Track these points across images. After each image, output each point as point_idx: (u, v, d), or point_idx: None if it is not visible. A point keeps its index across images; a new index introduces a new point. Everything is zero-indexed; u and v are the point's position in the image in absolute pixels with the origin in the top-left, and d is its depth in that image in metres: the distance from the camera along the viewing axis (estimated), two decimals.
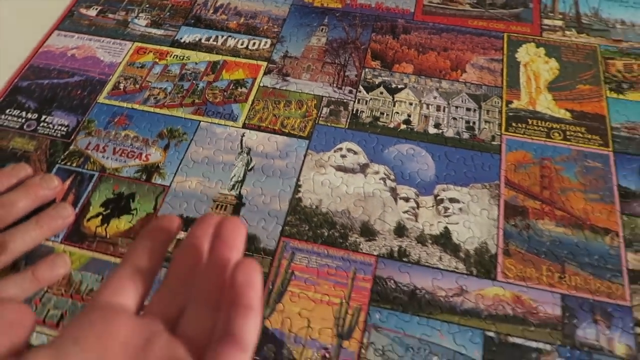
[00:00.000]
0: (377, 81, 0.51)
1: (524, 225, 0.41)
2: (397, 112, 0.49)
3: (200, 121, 0.49)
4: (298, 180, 0.44)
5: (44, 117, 0.50)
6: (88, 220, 0.43)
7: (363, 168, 0.45)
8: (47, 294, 0.39)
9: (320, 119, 0.48)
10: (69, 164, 0.47)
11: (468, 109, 0.49)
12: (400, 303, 0.38)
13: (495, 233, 0.41)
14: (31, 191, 0.42)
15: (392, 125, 0.48)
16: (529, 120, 0.48)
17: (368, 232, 0.41)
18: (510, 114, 0.48)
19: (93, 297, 0.34)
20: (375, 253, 0.40)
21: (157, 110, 0.50)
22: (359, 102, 0.50)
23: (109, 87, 0.52)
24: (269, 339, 0.36)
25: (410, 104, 0.50)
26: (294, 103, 0.50)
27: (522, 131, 0.47)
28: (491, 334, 0.36)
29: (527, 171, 0.45)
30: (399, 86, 0.51)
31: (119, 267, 0.25)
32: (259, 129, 0.48)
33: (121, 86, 0.52)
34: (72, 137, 0.49)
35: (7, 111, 0.51)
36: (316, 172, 0.45)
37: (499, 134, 0.47)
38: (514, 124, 0.48)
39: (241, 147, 0.47)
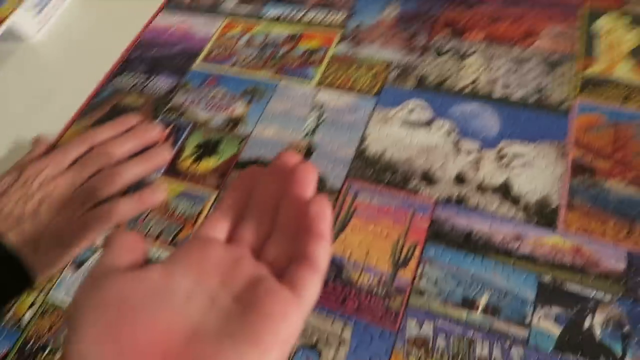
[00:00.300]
0: (446, 47, 0.53)
1: (591, 183, 0.41)
2: (465, 76, 0.51)
3: (279, 81, 0.54)
4: (364, 132, 0.48)
5: (151, 78, 0.59)
6: (182, 160, 0.50)
7: (428, 123, 0.47)
8: (149, 215, 0.46)
9: (389, 80, 0.51)
10: (168, 116, 0.54)
11: (539, 74, 0.49)
12: (456, 243, 0.39)
13: (560, 187, 0.41)
14: (138, 135, 0.50)
15: (458, 87, 0.50)
16: (604, 85, 0.47)
17: (429, 178, 0.43)
18: (585, 79, 0.48)
19: (194, 232, 0.41)
20: (434, 197, 0.42)
21: (243, 72, 0.56)
22: (428, 66, 0.52)
23: (203, 55, 0.60)
24: (330, 263, 0.40)
25: (478, 68, 0.51)
26: (364, 66, 0.53)
27: (596, 96, 0.47)
28: (546, 279, 0.37)
29: (599, 133, 0.44)
30: (469, 51, 0.52)
31: (213, 210, 0.30)
32: (331, 87, 0.52)
33: (213, 54, 0.60)
34: (172, 94, 0.56)
35: (123, 74, 0.60)
36: (382, 125, 0.48)
37: (570, 97, 0.47)
38: (588, 88, 0.47)
39: (314, 103, 0.51)
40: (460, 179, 0.43)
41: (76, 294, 0.24)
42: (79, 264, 0.43)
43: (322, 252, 0.26)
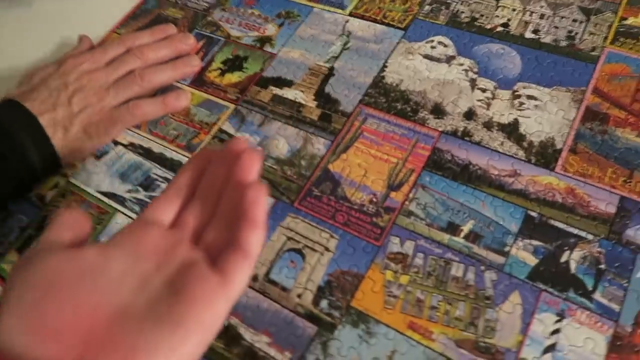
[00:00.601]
0: None
1: (601, 130, 0.41)
2: (498, 16, 0.50)
3: (313, 7, 0.55)
4: (386, 62, 0.49)
5: None
6: (209, 72, 0.53)
7: (449, 59, 0.48)
8: (170, 118, 0.50)
9: (421, 14, 0.51)
10: (204, 29, 0.57)
11: (574, 20, 0.48)
12: (452, 172, 0.41)
13: (567, 132, 0.41)
14: (173, 43, 0.53)
15: (489, 27, 0.49)
16: (638, 37, 0.45)
17: (438, 111, 0.44)
18: (621, 29, 0.46)
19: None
20: (440, 129, 0.43)
21: None
22: (461, 3, 0.51)
23: None
24: (328, 178, 0.43)
25: (514, 9, 0.50)
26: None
27: (629, 47, 0.45)
28: (533, 214, 0.38)
29: (622, 83, 0.43)
30: None
31: (163, 191, 0.30)
32: (362, 17, 0.53)
33: None
34: (211, 11, 0.59)
35: None
36: (404, 57, 0.49)
37: (601, 46, 0.45)
38: (621, 39, 0.45)
39: (343, 30, 0.52)
40: (469, 115, 0.44)
41: (11, 269, 0.25)
42: (99, 156, 0.48)
43: (255, 239, 0.25)
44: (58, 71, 0.47)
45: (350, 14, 0.54)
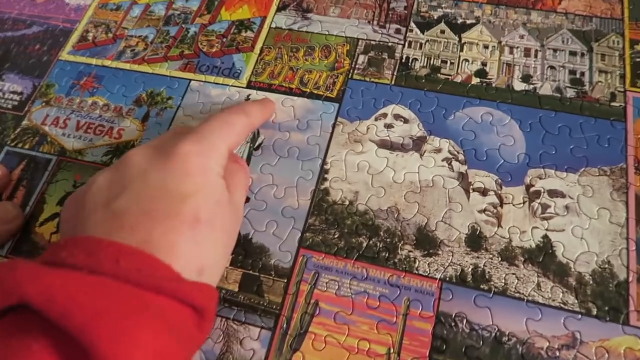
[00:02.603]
0: (435, 15, 0.36)
1: None
2: (467, 60, 0.34)
3: (190, 80, 0.36)
4: (324, 162, 0.31)
5: None
6: (41, 224, 0.32)
7: (418, 143, 0.31)
8: None
9: (356, 71, 0.34)
10: (20, 145, 0.35)
11: (572, 53, 0.33)
12: (478, 357, 0.25)
13: (624, 247, 0.27)
14: None
15: (459, 79, 0.33)
16: None
17: (426, 242, 0.28)
18: (638, 59, 0.32)
19: None
20: (437, 275, 0.27)
21: (135, 67, 0.37)
22: (410, 46, 0.35)
23: (74, 37, 0.40)
24: None
25: (485, 46, 0.34)
26: (318, 50, 0.35)
27: None
28: None
29: None
30: (468, 21, 0.35)
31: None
32: (269, 88, 0.34)
33: (90, 36, 0.40)
34: (26, 108, 0.37)
35: None
36: (350, 150, 0.32)
37: (621, 89, 0.31)
38: None
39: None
40: (474, 240, 0.28)
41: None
42: None
43: None
44: None
45: (249, 85, 0.35)
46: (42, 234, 0.32)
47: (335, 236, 0.29)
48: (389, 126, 0.32)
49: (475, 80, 0.33)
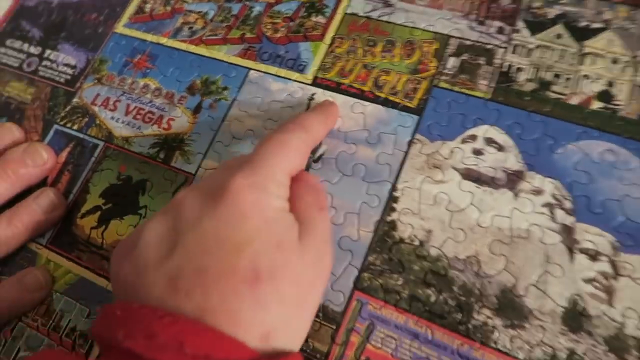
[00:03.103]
0: (552, 13, 0.29)
1: None
2: (587, 76, 0.27)
3: (249, 69, 0.31)
4: (394, 188, 0.26)
5: (47, 52, 0.36)
6: (82, 215, 0.30)
7: (513, 180, 0.25)
8: (21, 323, 0.28)
9: (443, 77, 0.28)
10: (69, 125, 0.33)
11: None
12: None
13: None
14: (9, 171, 0.29)
15: (575, 101, 0.26)
16: None
17: (511, 309, 0.23)
18: None
19: None
20: (520, 355, 0.22)
21: (192, 47, 0.33)
22: (514, 52, 0.28)
23: (131, 8, 0.36)
24: None
25: (615, 61, 0.27)
26: (399, 46, 0.30)
27: None
28: None
29: None
30: (594, 25, 0.28)
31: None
32: (337, 88, 0.29)
33: (147, 7, 0.36)
34: (78, 84, 0.35)
35: (8, 42, 0.38)
36: (427, 176, 0.26)
37: None
38: None
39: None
40: (574, 318, 0.22)
41: None
42: None
43: None
44: None
45: (315, 82, 0.30)
46: (82, 227, 0.30)
47: (399, 282, 0.24)
48: (478, 152, 0.26)
49: (596, 105, 0.26)
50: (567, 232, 0.24)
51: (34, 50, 0.37)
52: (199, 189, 0.22)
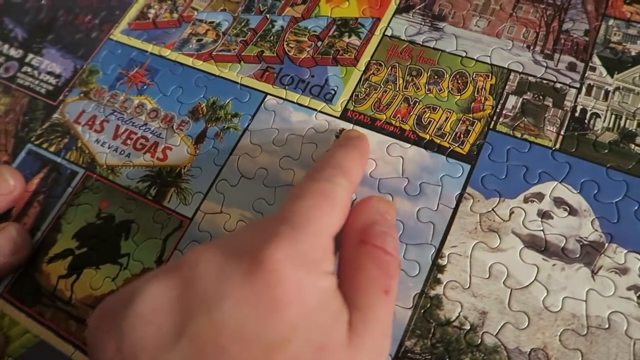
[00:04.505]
0: (634, 50, 0.24)
1: None
2: None
3: (266, 94, 0.26)
4: (439, 254, 0.21)
5: (29, 57, 0.31)
6: (50, 260, 0.25)
7: (590, 252, 0.20)
8: None
9: (502, 119, 0.23)
10: (45, 145, 0.28)
11: None
12: None
13: None
14: None
15: None
16: None
17: None
18: None
19: None
20: None
21: (199, 63, 0.28)
22: (589, 93, 0.23)
23: (132, 12, 0.31)
24: None
25: None
26: (448, 78, 0.25)
27: None
28: None
29: None
30: None
31: None
32: (371, 124, 0.25)
33: (151, 13, 0.31)
34: (61, 96, 0.29)
35: None
36: (480, 242, 0.21)
37: None
38: None
39: None
40: None
41: None
42: None
43: None
44: None
45: (344, 115, 0.25)
46: (49, 275, 0.24)
47: None
48: (545, 215, 0.21)
49: None
50: None
51: (14, 53, 0.32)
52: (222, 248, 0.16)
